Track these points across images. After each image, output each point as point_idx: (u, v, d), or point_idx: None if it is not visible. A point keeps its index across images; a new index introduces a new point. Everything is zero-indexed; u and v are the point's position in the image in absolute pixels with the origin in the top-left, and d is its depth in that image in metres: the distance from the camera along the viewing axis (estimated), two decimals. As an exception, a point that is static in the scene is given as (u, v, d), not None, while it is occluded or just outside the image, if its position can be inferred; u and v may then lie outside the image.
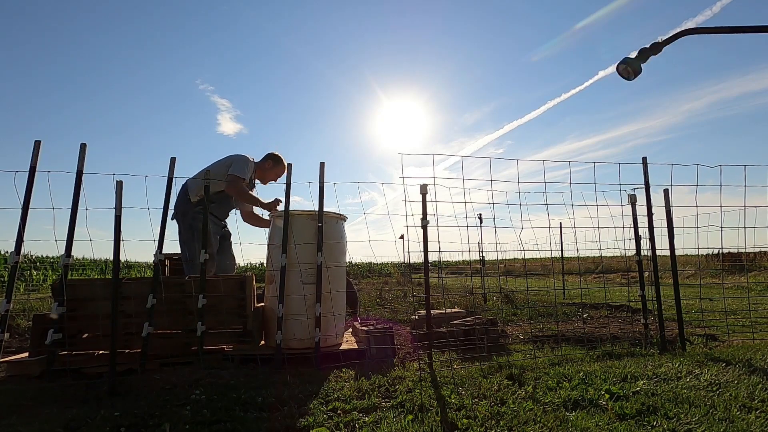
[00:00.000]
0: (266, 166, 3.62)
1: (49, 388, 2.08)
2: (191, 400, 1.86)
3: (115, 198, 2.32)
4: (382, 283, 10.85)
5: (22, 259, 2.27)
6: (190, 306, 2.65)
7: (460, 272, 13.37)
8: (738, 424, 1.52)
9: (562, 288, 7.04)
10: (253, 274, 2.95)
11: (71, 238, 2.30)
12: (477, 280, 7.21)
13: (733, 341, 3.02)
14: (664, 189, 3.04)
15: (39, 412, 1.79)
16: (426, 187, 2.62)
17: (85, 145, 2.36)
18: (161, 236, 2.50)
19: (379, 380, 2.15)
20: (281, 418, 1.67)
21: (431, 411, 1.74)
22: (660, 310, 2.94)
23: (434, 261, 3.02)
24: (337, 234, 2.89)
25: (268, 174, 3.66)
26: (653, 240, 3.02)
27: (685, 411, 1.66)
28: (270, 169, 3.63)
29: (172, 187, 2.54)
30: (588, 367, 2.32)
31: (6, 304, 2.16)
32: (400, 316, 4.69)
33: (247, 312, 2.77)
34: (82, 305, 2.60)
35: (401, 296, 6.96)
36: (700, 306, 4.37)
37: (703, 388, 1.95)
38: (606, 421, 1.60)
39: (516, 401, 1.83)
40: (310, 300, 2.67)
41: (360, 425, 1.63)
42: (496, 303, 5.66)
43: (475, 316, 3.42)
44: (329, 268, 2.75)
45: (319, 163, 2.72)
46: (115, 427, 1.60)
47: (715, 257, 10.23)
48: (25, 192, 2.26)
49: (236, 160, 3.41)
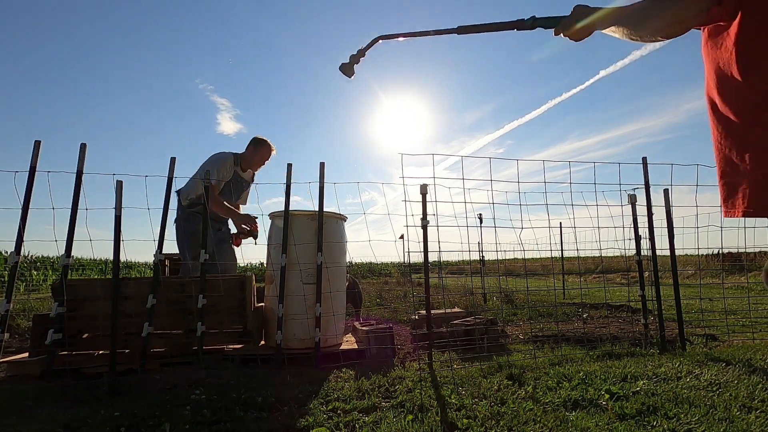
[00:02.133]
0: (248, 153, 3.50)
1: (49, 388, 2.08)
2: (191, 400, 1.86)
3: (115, 198, 2.32)
4: (382, 283, 10.85)
5: (22, 259, 2.27)
6: (190, 306, 2.65)
7: (460, 272, 13.37)
8: (738, 424, 1.52)
9: (562, 288, 7.03)
10: (253, 274, 2.95)
11: (71, 238, 2.30)
12: (477, 280, 7.20)
13: (733, 341, 3.02)
14: (664, 189, 3.04)
15: (39, 412, 1.79)
16: (426, 187, 2.62)
17: (85, 145, 2.36)
18: (161, 236, 2.50)
19: (379, 380, 2.15)
20: (281, 418, 1.67)
21: (431, 411, 1.74)
22: (660, 310, 2.94)
23: (434, 261, 3.02)
24: (337, 234, 2.90)
25: (254, 160, 3.51)
26: (653, 240, 3.02)
27: (685, 411, 1.66)
28: (253, 155, 3.50)
29: (172, 187, 2.54)
30: (588, 367, 2.32)
31: (6, 304, 2.16)
32: (400, 316, 4.69)
33: (247, 312, 2.77)
34: (82, 305, 2.60)
35: (401, 296, 6.96)
36: (700, 306, 4.37)
37: (703, 388, 1.95)
38: (606, 421, 1.60)
39: (516, 401, 1.83)
40: (310, 300, 2.67)
41: (360, 425, 1.63)
42: (496, 303, 5.66)
43: (475, 316, 3.42)
44: (329, 268, 2.75)
45: (319, 163, 2.72)
46: (115, 427, 1.60)
47: (715, 257, 10.23)
48: (25, 192, 2.26)
49: (209, 161, 3.31)
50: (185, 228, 3.27)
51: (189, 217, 3.28)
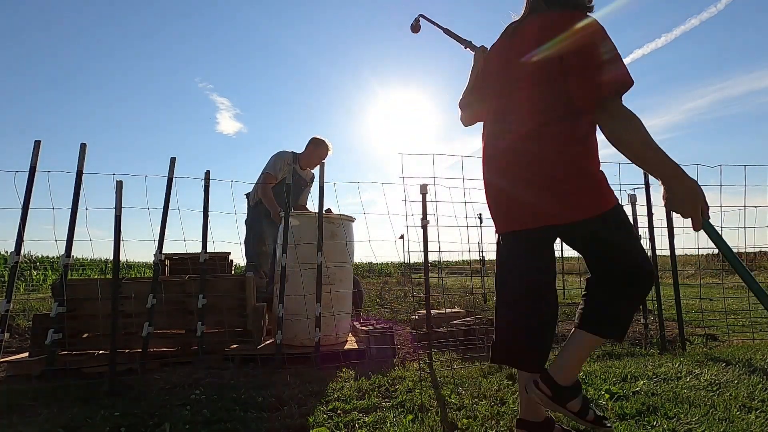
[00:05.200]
0: (307, 152, 3.76)
1: (49, 388, 2.08)
2: (191, 400, 1.86)
3: (115, 198, 2.32)
4: (382, 283, 10.84)
5: (22, 259, 2.27)
6: (190, 306, 2.66)
7: (460, 272, 13.36)
8: (738, 424, 1.52)
9: (563, 288, 7.03)
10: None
11: (71, 238, 2.30)
12: (477, 280, 7.20)
13: (733, 341, 3.02)
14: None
15: (39, 412, 1.79)
16: (426, 186, 2.62)
17: (85, 145, 2.36)
18: (161, 236, 2.50)
19: (379, 380, 2.15)
20: (281, 418, 1.67)
21: (431, 411, 1.74)
22: (660, 309, 2.94)
23: (434, 261, 3.03)
24: (346, 235, 2.98)
25: (311, 158, 3.75)
26: (653, 240, 3.02)
27: (685, 411, 1.66)
28: (310, 153, 3.75)
29: (172, 187, 2.53)
30: (588, 366, 2.32)
31: (6, 304, 2.16)
32: (400, 316, 4.69)
33: (247, 312, 2.77)
34: (82, 305, 2.60)
35: (401, 296, 6.96)
36: (700, 306, 4.36)
37: (703, 388, 1.95)
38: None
39: (516, 401, 1.83)
40: (323, 299, 2.73)
41: (360, 425, 1.63)
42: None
43: (475, 316, 3.42)
44: (339, 268, 2.83)
45: (320, 164, 2.73)
46: (115, 427, 1.60)
47: (715, 257, 10.21)
48: (25, 192, 2.26)
49: (271, 158, 3.63)
50: (248, 224, 3.60)
51: (255, 217, 3.60)
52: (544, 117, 1.22)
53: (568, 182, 1.18)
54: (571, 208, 1.18)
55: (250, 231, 3.60)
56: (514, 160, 1.27)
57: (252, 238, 3.57)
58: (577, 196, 1.18)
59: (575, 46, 1.15)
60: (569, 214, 1.19)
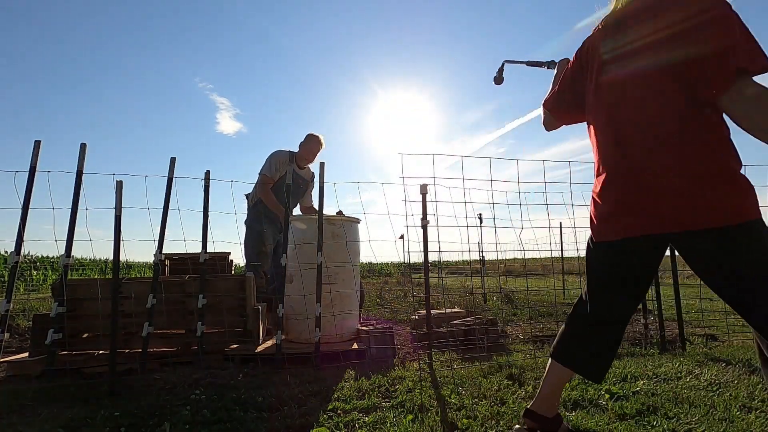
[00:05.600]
0: (300, 148, 3.75)
1: (49, 388, 2.08)
2: (191, 400, 1.86)
3: (115, 198, 2.32)
4: (382, 283, 10.85)
5: (22, 259, 2.27)
6: (190, 306, 2.65)
7: (460, 272, 13.36)
8: (738, 424, 1.52)
9: (562, 288, 7.03)
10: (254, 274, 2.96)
11: (71, 238, 2.30)
12: (477, 280, 7.20)
13: (733, 341, 3.02)
14: (664, 189, 3.03)
15: (39, 412, 1.79)
16: (426, 186, 2.61)
17: (85, 145, 2.36)
18: (161, 236, 2.50)
19: (379, 380, 2.15)
20: (281, 418, 1.67)
21: (431, 411, 1.74)
22: (660, 309, 2.93)
23: (434, 261, 3.03)
24: (352, 237, 3.03)
25: (303, 154, 3.73)
26: (653, 240, 3.02)
27: (685, 411, 1.66)
28: (303, 149, 3.73)
29: (172, 187, 2.53)
30: (588, 367, 2.32)
31: (6, 304, 2.16)
32: (400, 316, 4.69)
33: (247, 312, 2.77)
34: (82, 305, 2.60)
35: (401, 296, 6.96)
36: (700, 306, 4.36)
37: (703, 388, 1.95)
38: (606, 421, 1.60)
39: (516, 401, 1.83)
40: (327, 299, 2.79)
41: (360, 425, 1.63)
42: (496, 303, 5.65)
43: (475, 316, 3.42)
44: (345, 268, 2.89)
45: (319, 164, 2.72)
46: (115, 427, 1.60)
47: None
48: (25, 192, 2.26)
49: (266, 159, 3.62)
50: (247, 225, 3.60)
51: (255, 217, 3.59)
52: (679, 113, 1.09)
53: (719, 183, 1.09)
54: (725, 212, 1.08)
55: (250, 231, 3.59)
56: (652, 163, 1.13)
57: (252, 238, 3.56)
58: (728, 198, 1.09)
59: (701, 23, 1.03)
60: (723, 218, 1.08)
